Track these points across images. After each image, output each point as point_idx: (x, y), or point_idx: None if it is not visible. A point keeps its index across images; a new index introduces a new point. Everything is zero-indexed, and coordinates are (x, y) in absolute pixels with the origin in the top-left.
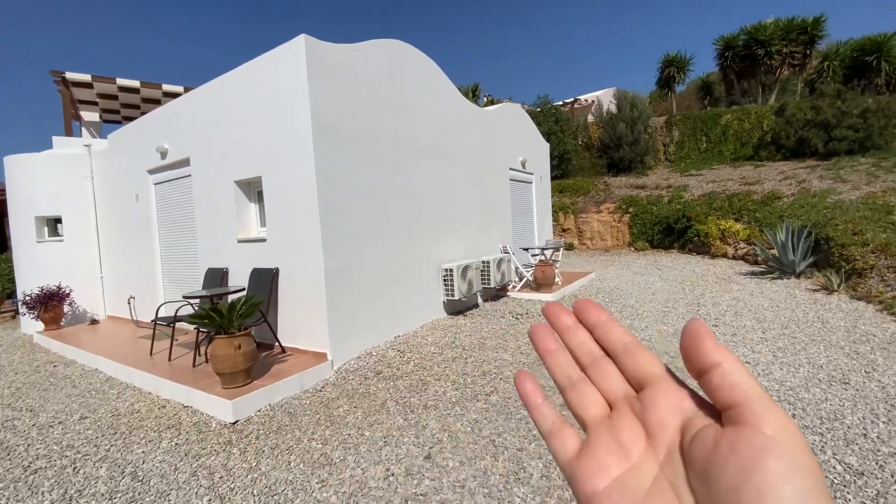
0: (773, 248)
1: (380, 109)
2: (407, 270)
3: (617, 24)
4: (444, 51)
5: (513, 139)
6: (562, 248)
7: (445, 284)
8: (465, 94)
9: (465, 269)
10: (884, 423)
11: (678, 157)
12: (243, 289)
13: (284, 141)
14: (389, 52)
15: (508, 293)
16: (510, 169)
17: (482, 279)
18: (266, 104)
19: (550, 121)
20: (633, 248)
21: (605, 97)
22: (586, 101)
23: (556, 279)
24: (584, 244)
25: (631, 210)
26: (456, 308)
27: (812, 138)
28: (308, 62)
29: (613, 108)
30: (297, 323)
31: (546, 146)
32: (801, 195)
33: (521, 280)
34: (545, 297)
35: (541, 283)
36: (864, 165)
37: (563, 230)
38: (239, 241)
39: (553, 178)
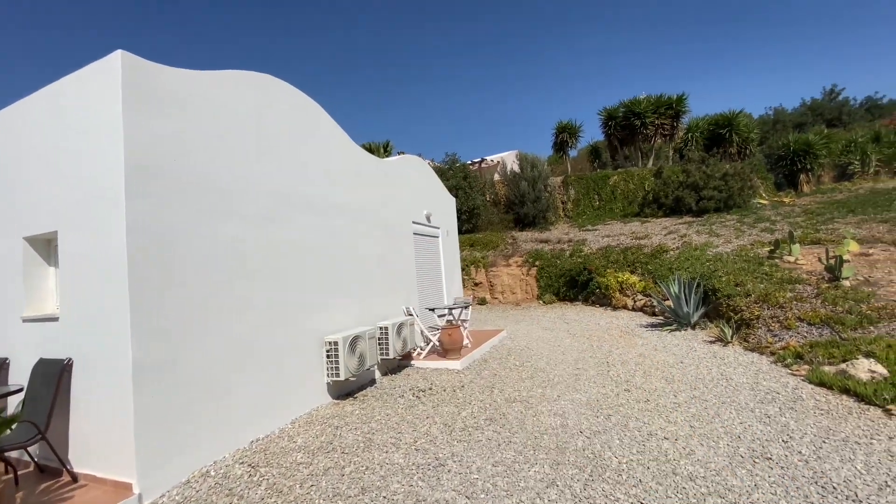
0: (668, 300)
1: (241, 154)
2: (274, 350)
3: (517, 92)
4: (357, 108)
5: (416, 192)
6: (471, 307)
7: (329, 361)
8: (377, 150)
9: (355, 339)
10: None
11: (575, 213)
12: (21, 389)
13: (89, 186)
14: (256, 88)
15: (413, 361)
16: (414, 223)
17: (380, 349)
18: (70, 138)
19: (459, 176)
20: (541, 301)
21: (508, 158)
22: (492, 160)
23: (465, 342)
24: (496, 298)
25: (537, 263)
26: (345, 389)
27: (686, 198)
28: (125, 85)
29: (517, 168)
30: (96, 438)
31: (452, 200)
32: (685, 248)
33: (427, 345)
34: (452, 364)
35: (448, 348)
36: (730, 221)
37: (476, 284)
38: (24, 321)
39: (464, 232)
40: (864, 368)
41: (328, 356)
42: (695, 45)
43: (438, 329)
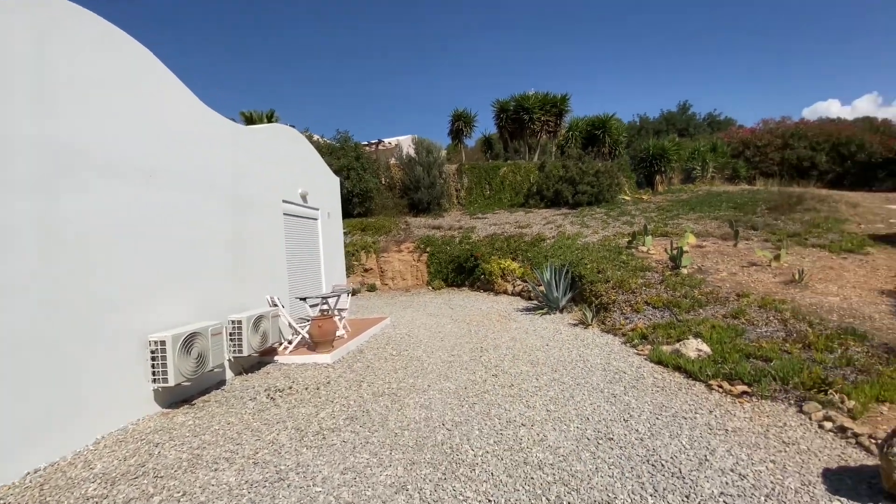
0: (542, 285)
1: (7, 98)
2: (64, 352)
3: (416, 77)
4: (239, 74)
5: (289, 167)
6: (350, 294)
7: (155, 364)
8: (259, 120)
9: (192, 337)
10: (651, 495)
11: (468, 201)
12: None
13: None
14: (38, 14)
15: (277, 357)
16: (285, 202)
17: (231, 346)
18: None
19: (351, 156)
20: (431, 287)
21: (405, 142)
22: (390, 143)
23: (341, 332)
24: (387, 284)
25: (428, 249)
26: (179, 395)
27: (564, 191)
28: None
29: (413, 153)
30: None
31: (336, 180)
32: (560, 237)
33: (296, 338)
34: (322, 358)
35: (318, 340)
36: (599, 214)
37: (366, 270)
38: None
39: (356, 216)
40: (693, 347)
41: (153, 358)
42: (579, 48)
43: (310, 320)
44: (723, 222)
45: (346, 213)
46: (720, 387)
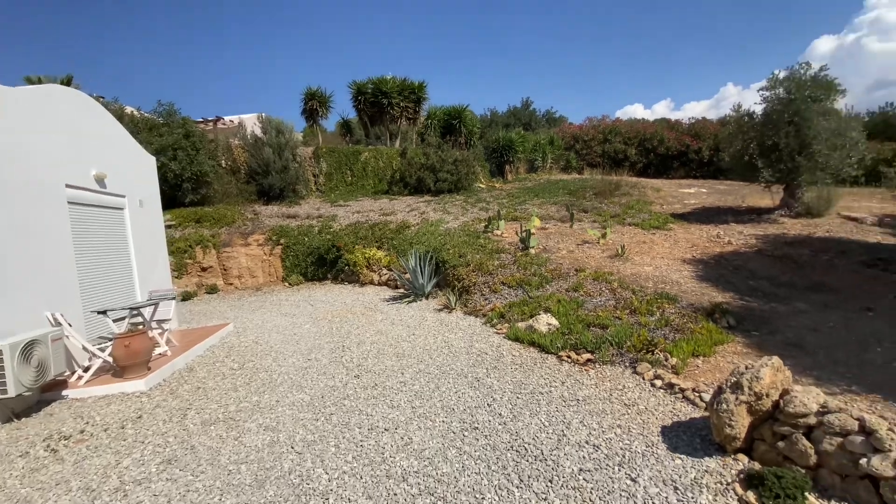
0: (408, 273)
1: None
2: None
3: (263, 51)
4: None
5: (77, 143)
6: (175, 301)
7: None
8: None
9: None
10: (517, 487)
11: (328, 187)
12: None
13: None
14: None
15: (69, 391)
16: (70, 187)
17: None
18: None
19: (178, 134)
20: (287, 283)
21: (249, 121)
22: (231, 121)
23: (162, 349)
24: (231, 284)
25: (283, 241)
26: None
27: (426, 178)
28: None
29: (259, 133)
30: None
31: (151, 160)
32: (424, 224)
33: (96, 363)
34: (133, 385)
35: (126, 363)
36: (458, 201)
37: (204, 269)
38: None
39: (189, 205)
40: (544, 322)
41: None
42: (436, 38)
43: (114, 339)
44: (560, 206)
45: (176, 202)
46: (568, 357)
